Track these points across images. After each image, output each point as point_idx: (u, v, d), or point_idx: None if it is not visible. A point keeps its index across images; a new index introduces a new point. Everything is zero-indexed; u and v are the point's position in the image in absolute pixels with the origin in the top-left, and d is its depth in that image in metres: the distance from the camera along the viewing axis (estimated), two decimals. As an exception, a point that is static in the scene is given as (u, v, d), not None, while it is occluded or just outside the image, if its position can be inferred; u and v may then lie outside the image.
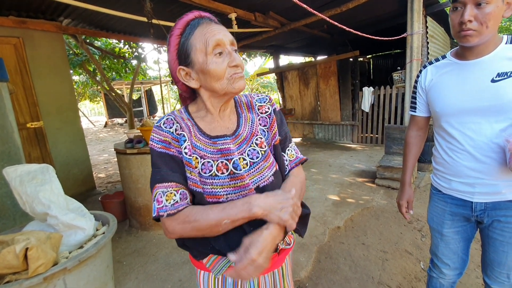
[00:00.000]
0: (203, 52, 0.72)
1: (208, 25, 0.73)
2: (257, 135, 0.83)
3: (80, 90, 14.35)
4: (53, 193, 1.60)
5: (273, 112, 0.88)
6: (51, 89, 3.69)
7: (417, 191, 3.47)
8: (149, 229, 2.81)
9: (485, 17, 0.89)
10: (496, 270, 1.12)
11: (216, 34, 0.72)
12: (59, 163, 3.77)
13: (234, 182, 0.75)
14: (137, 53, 6.40)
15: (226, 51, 0.73)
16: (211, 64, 0.72)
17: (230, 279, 0.84)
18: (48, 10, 3.45)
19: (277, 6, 3.91)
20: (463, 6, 0.92)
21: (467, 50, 1.01)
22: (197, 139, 0.78)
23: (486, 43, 0.96)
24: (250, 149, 0.80)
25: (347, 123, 6.71)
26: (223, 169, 0.75)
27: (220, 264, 0.81)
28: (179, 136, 0.76)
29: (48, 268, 1.31)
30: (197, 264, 0.87)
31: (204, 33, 0.72)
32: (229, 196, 0.74)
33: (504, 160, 0.97)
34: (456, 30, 0.96)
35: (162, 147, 0.76)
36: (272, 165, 0.82)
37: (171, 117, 0.80)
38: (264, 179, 0.79)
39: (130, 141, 2.71)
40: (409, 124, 1.35)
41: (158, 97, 17.20)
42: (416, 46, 3.32)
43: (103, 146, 9.29)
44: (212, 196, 0.74)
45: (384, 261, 2.17)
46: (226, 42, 0.73)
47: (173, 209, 0.71)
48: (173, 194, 0.72)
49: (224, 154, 0.76)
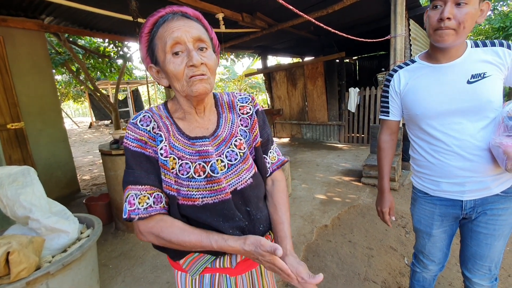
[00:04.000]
0: (163, 51, 0.69)
1: (171, 22, 0.68)
2: (237, 136, 0.81)
3: (63, 90, 13.91)
4: (35, 196, 1.55)
5: (255, 113, 0.86)
6: (32, 89, 3.57)
7: (401, 189, 3.56)
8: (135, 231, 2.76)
9: (463, 17, 0.92)
10: (479, 264, 1.15)
11: (174, 31, 0.67)
12: (41, 165, 3.65)
13: (211, 186, 0.73)
14: (122, 52, 6.27)
15: (186, 49, 0.68)
16: (168, 63, 0.68)
17: (207, 279, 0.82)
18: (29, 8, 3.34)
19: (264, 7, 3.93)
20: (443, 4, 0.95)
21: (440, 53, 1.05)
22: (176, 139, 0.75)
23: (457, 46, 1.01)
24: (229, 151, 0.78)
25: (334, 123, 6.82)
26: (200, 171, 0.73)
27: (197, 265, 0.80)
28: (156, 135, 0.73)
29: (30, 273, 1.28)
30: (174, 265, 0.85)
31: (165, 31, 0.68)
32: (205, 200, 0.73)
33: (490, 157, 1.00)
34: (434, 27, 0.98)
35: (137, 146, 0.72)
36: (251, 167, 0.80)
37: (149, 114, 0.76)
38: (241, 182, 0.77)
39: (115, 141, 2.66)
40: (381, 129, 1.33)
41: (145, 97, 16.92)
42: (399, 48, 3.41)
43: (88, 147, 9.05)
44: (187, 198, 0.73)
45: (370, 257, 2.22)
46: (186, 39, 0.67)
47: (146, 213, 0.69)
48: (147, 197, 0.71)
49: (202, 156, 0.74)
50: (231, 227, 0.74)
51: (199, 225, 0.73)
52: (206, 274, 0.81)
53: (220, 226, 0.73)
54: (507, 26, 6.32)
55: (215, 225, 0.73)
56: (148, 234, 0.71)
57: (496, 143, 0.95)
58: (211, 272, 0.81)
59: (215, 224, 0.73)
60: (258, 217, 0.80)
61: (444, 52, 1.04)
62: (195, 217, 0.73)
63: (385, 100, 1.26)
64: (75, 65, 6.73)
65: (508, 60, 0.98)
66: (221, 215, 0.74)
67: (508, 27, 6.28)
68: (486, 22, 9.24)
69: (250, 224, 0.78)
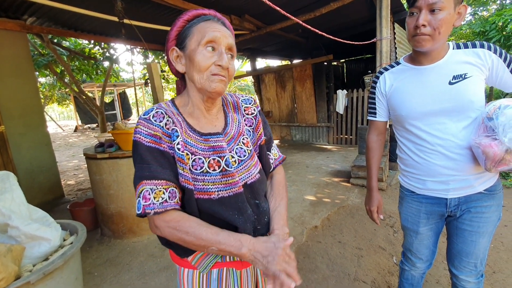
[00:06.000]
0: (197, 41, 0.74)
1: (214, 23, 0.75)
2: (244, 135, 0.86)
3: (47, 92, 13.51)
4: (14, 202, 1.49)
5: (258, 113, 0.92)
6: (13, 91, 3.45)
7: (389, 189, 3.62)
8: (122, 237, 2.70)
9: (438, 22, 0.95)
10: (465, 260, 1.18)
11: (216, 31, 0.74)
12: (23, 170, 3.52)
13: (225, 179, 0.76)
14: (108, 54, 6.15)
15: (219, 50, 0.74)
16: (199, 54, 0.73)
17: (215, 274, 0.82)
18: (10, 8, 3.24)
19: (253, 9, 3.94)
20: (418, 12, 0.98)
21: (422, 55, 1.08)
22: (188, 135, 0.77)
23: (438, 48, 1.04)
24: (238, 147, 0.82)
25: (323, 125, 6.89)
26: (215, 166, 0.76)
27: (207, 260, 0.81)
28: (172, 131, 0.75)
29: (9, 283, 1.22)
30: (180, 262, 0.85)
31: (206, 27, 0.74)
32: (220, 193, 0.75)
33: (472, 156, 1.03)
34: (411, 34, 1.03)
35: (151, 141, 0.72)
36: (257, 163, 0.86)
37: (161, 110, 0.77)
38: (251, 176, 0.82)
39: (101, 145, 2.59)
40: (369, 130, 1.35)
41: (133, 100, 16.65)
42: (385, 51, 3.48)
43: (73, 151, 8.82)
44: (203, 192, 0.74)
45: (359, 257, 2.23)
46: (223, 43, 0.74)
47: (161, 207, 0.70)
48: (162, 192, 0.71)
49: (216, 151, 0.78)
50: (245, 221, 0.76)
51: (214, 220, 0.75)
52: (213, 270, 0.83)
53: (235, 220, 0.75)
54: (487, 30, 6.55)
55: (231, 219, 0.75)
56: (165, 227, 0.71)
57: (475, 143, 0.97)
58: (220, 267, 0.83)
59: (231, 218, 0.75)
60: (265, 209, 0.85)
61: (425, 55, 1.07)
62: (211, 211, 0.75)
63: (372, 101, 1.29)
64: (59, 67, 6.55)
65: (489, 61, 1.01)
66: (236, 208, 0.76)
67: (488, 31, 6.51)
68: (467, 27, 9.58)
69: (258, 216, 0.82)
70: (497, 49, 1.01)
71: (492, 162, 0.93)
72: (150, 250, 2.50)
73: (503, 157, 0.90)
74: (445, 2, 0.93)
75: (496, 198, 1.11)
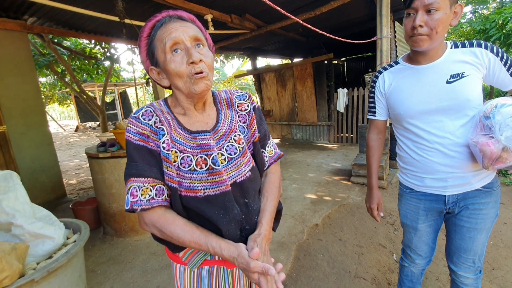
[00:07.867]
0: (163, 51, 0.72)
1: (168, 24, 0.72)
2: (236, 132, 0.84)
3: (48, 92, 13.54)
4: (18, 201, 1.50)
5: (252, 109, 0.90)
6: (14, 91, 3.46)
7: (389, 187, 3.63)
8: (124, 235, 2.72)
9: (435, 22, 0.96)
10: (463, 257, 1.19)
11: (172, 32, 0.71)
12: (25, 169, 3.54)
13: (212, 178, 0.75)
14: (109, 53, 6.17)
15: (185, 47, 0.72)
16: (170, 63, 0.72)
17: (206, 271, 0.84)
18: (11, 8, 3.24)
19: (253, 8, 3.94)
20: (415, 13, 0.99)
21: (420, 55, 1.09)
22: (177, 133, 0.77)
23: (436, 48, 1.05)
24: (229, 145, 0.81)
25: (324, 123, 6.89)
26: (202, 164, 0.76)
27: (196, 257, 0.82)
28: (158, 129, 0.75)
29: (14, 281, 1.23)
30: (173, 257, 0.87)
31: (163, 33, 0.72)
32: (207, 191, 0.75)
33: (470, 154, 1.05)
34: (408, 34, 1.04)
35: (139, 139, 0.74)
36: (249, 161, 0.84)
37: (150, 109, 0.78)
38: (241, 175, 0.81)
39: (102, 144, 2.60)
40: (369, 128, 1.37)
41: (133, 99, 16.67)
42: (385, 49, 3.48)
43: (74, 151, 8.84)
44: (189, 190, 0.75)
45: (360, 255, 2.25)
46: (184, 39, 0.71)
47: (148, 204, 0.72)
48: (149, 189, 0.73)
49: (203, 149, 0.77)
50: (229, 220, 0.76)
51: (200, 218, 0.76)
52: (204, 267, 0.84)
53: (219, 219, 0.75)
54: (487, 28, 6.54)
55: (215, 218, 0.75)
56: (152, 226, 0.74)
57: (473, 142, 0.99)
58: (209, 265, 0.84)
59: (215, 217, 0.75)
60: (255, 209, 0.84)
61: (423, 54, 1.08)
62: (197, 209, 0.75)
63: (372, 100, 1.31)
64: (60, 67, 6.57)
65: (486, 60, 1.02)
66: (222, 207, 0.76)
67: (488, 29, 6.50)
68: (467, 25, 9.55)
69: (247, 215, 0.81)
70: (493, 48, 1.02)
71: (489, 160, 0.95)
72: (152, 249, 2.52)
73: (500, 155, 0.92)
74: (441, 2, 0.95)
75: (493, 195, 1.13)
